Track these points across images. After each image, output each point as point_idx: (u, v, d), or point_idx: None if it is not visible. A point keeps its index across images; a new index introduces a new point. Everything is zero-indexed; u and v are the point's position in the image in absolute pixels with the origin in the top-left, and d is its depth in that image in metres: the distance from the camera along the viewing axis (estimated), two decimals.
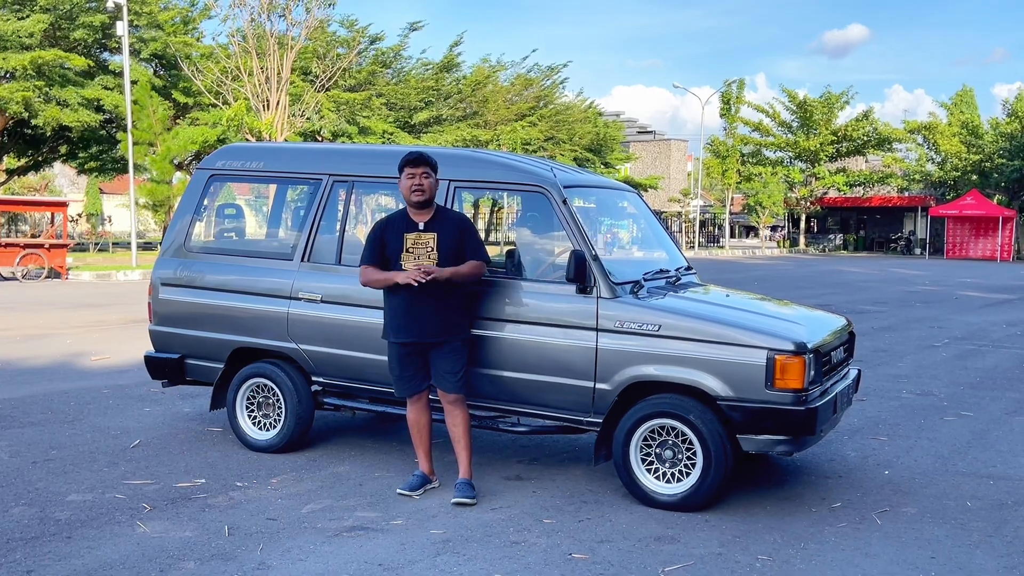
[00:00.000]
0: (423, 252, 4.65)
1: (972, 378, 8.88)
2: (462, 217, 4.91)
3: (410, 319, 4.68)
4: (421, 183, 4.63)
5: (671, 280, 5.40)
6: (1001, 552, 4.20)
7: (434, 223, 4.71)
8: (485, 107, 40.69)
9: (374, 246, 4.76)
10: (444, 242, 4.67)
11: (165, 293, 5.91)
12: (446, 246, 4.67)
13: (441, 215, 4.77)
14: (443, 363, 4.75)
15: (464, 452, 4.82)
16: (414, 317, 4.67)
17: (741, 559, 4.02)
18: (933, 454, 5.94)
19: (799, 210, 53.56)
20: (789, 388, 4.42)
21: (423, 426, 4.91)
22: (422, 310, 4.66)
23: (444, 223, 4.73)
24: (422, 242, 4.65)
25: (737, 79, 51.25)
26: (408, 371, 4.79)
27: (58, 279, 19.65)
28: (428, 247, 4.65)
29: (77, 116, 29.35)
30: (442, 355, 4.75)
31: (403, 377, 4.81)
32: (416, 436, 4.93)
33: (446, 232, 4.69)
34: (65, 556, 3.90)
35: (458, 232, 4.72)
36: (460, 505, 4.63)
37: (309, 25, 26.65)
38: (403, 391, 4.85)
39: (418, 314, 4.66)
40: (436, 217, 4.73)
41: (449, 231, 4.70)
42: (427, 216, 4.71)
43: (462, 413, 4.82)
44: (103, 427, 6.17)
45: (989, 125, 47.71)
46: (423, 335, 4.70)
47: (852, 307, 15.89)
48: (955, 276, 27.74)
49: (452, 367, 4.75)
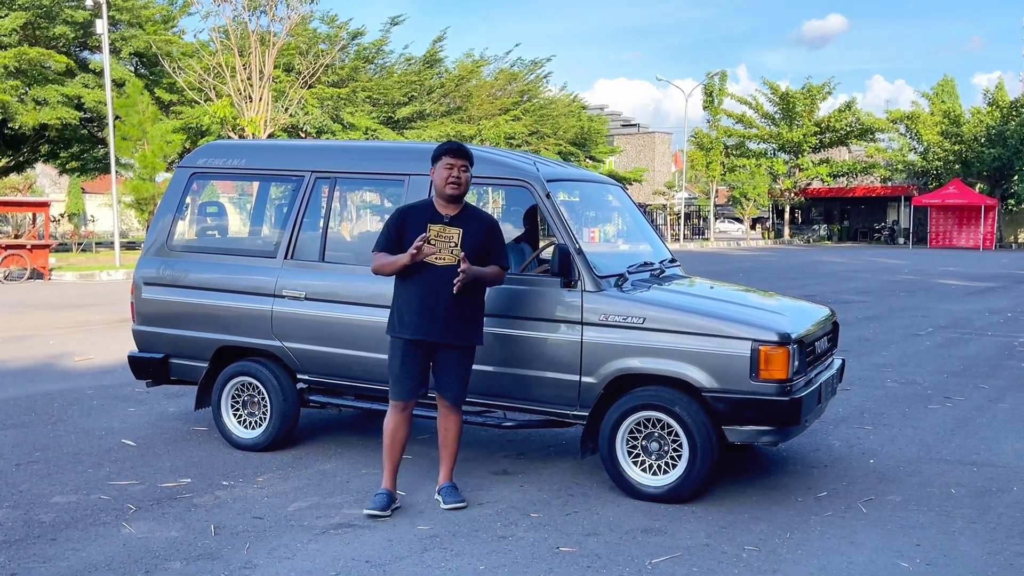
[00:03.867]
0: (445, 246, 4.31)
1: (955, 366, 8.94)
2: (491, 218, 4.60)
3: (425, 314, 4.38)
4: (459, 176, 4.38)
5: (655, 273, 5.41)
6: (985, 538, 4.23)
7: (461, 219, 4.43)
8: (469, 102, 40.61)
9: (392, 231, 4.44)
10: (469, 240, 4.37)
11: (148, 292, 5.88)
12: (471, 244, 4.38)
13: (469, 212, 4.50)
14: (453, 370, 4.51)
15: (451, 458, 4.66)
16: (430, 313, 4.37)
17: (728, 549, 4.04)
18: (917, 442, 5.98)
19: (783, 201, 53.77)
20: (773, 379, 4.44)
21: (401, 439, 4.56)
22: (440, 307, 4.37)
23: (472, 221, 4.46)
24: (446, 235, 4.31)
25: (719, 71, 51.44)
26: (409, 371, 4.47)
27: (40, 280, 19.51)
28: (452, 242, 4.31)
29: (56, 113, 29.12)
30: (453, 361, 4.50)
31: (403, 377, 4.47)
32: (391, 447, 4.55)
33: (473, 230, 4.41)
34: (50, 558, 3.87)
35: (485, 233, 4.48)
36: (456, 509, 4.51)
37: (291, 21, 26.53)
38: (400, 393, 4.50)
39: (435, 310, 4.37)
40: (464, 213, 4.46)
41: (476, 230, 4.43)
42: (455, 210, 4.44)
43: (456, 419, 4.64)
44: (87, 428, 6.13)
45: (971, 114, 48.00)
46: (437, 334, 4.41)
47: (836, 297, 15.97)
48: (938, 265, 27.92)
49: (462, 374, 4.54)
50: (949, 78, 51.28)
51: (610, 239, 8.11)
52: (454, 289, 4.31)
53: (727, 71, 51.77)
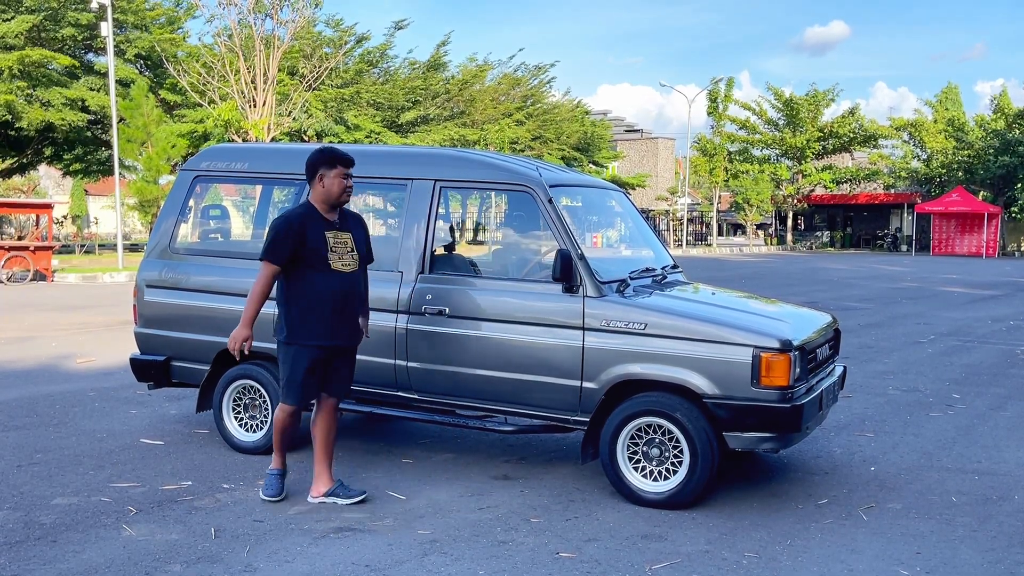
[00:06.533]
0: (345, 251, 4.54)
1: (957, 374, 8.93)
2: (360, 216, 4.82)
3: (337, 320, 4.51)
4: (351, 185, 4.57)
5: (657, 278, 5.41)
6: (986, 547, 4.22)
7: (344, 222, 4.62)
8: (472, 106, 40.67)
9: (292, 239, 4.42)
10: (357, 241, 4.62)
11: (150, 295, 5.88)
12: (360, 245, 4.63)
13: (344, 214, 4.68)
14: (346, 369, 4.67)
15: (331, 457, 4.73)
16: (340, 318, 4.52)
17: (728, 556, 4.04)
18: (918, 450, 5.97)
19: (786, 207, 53.75)
20: (775, 385, 4.44)
21: (293, 431, 4.70)
22: (349, 311, 4.56)
23: (352, 222, 4.67)
24: (341, 241, 4.54)
25: (724, 77, 51.49)
26: (316, 378, 4.56)
27: (43, 281, 19.53)
28: (348, 246, 4.56)
29: (62, 115, 29.19)
30: (346, 361, 4.66)
31: (308, 383, 4.54)
32: (280, 439, 4.67)
33: (358, 232, 4.65)
34: (50, 560, 3.88)
35: (363, 231, 4.70)
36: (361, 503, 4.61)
37: (295, 24, 26.58)
38: (301, 400, 4.57)
39: (345, 315, 4.54)
40: (342, 216, 4.64)
41: (359, 231, 4.67)
42: (335, 216, 4.60)
43: (336, 419, 4.77)
44: (88, 430, 6.14)
45: (975, 122, 47.99)
46: (351, 338, 4.61)
47: (838, 304, 15.95)
48: (940, 272, 27.89)
49: (351, 373, 4.72)
50: (953, 85, 51.40)
51: (612, 244, 8.12)
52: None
53: (733, 78, 51.87)
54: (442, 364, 5.05)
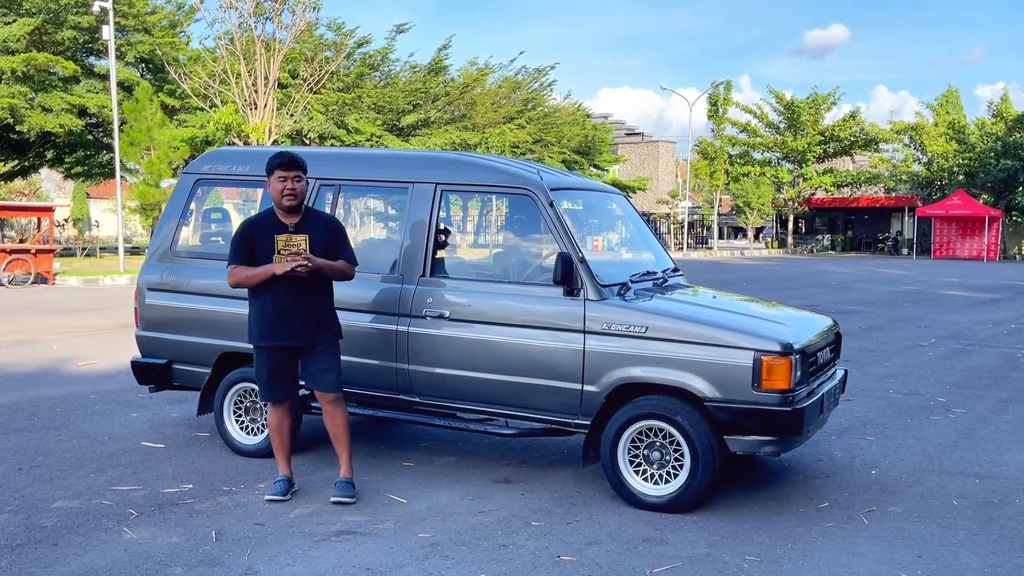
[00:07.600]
0: (295, 253, 4.56)
1: (958, 377, 8.93)
2: (332, 219, 4.86)
3: (283, 321, 4.59)
4: (293, 188, 4.57)
5: (658, 282, 5.41)
6: (987, 551, 4.22)
7: (305, 225, 4.65)
8: (473, 110, 40.70)
9: (244, 244, 4.63)
10: (317, 243, 4.61)
11: (151, 298, 5.89)
12: (320, 247, 4.62)
13: (311, 217, 4.72)
14: (319, 362, 4.70)
15: (345, 451, 4.81)
16: (287, 319, 4.59)
17: (729, 560, 4.04)
18: (920, 453, 5.97)
19: (787, 211, 53.76)
20: (776, 389, 4.44)
21: (286, 430, 4.84)
22: (295, 311, 4.60)
23: (315, 225, 4.68)
24: (293, 244, 4.54)
25: (724, 80, 51.49)
26: (278, 376, 4.71)
27: (45, 284, 19.54)
28: (300, 248, 4.55)
29: (60, 121, 29.21)
30: (317, 355, 4.69)
31: (273, 383, 4.71)
32: (278, 440, 4.84)
33: (318, 234, 4.64)
34: (52, 563, 3.88)
35: (329, 233, 4.70)
36: (340, 504, 4.64)
37: (296, 28, 26.60)
38: (274, 396, 4.75)
39: (291, 315, 4.59)
40: (306, 219, 4.68)
41: (320, 233, 4.66)
42: (296, 219, 4.65)
43: (342, 412, 4.79)
44: (90, 433, 6.14)
45: (975, 125, 48.00)
46: (298, 337, 4.63)
47: (839, 307, 15.95)
48: (941, 276, 27.88)
49: (329, 365, 4.71)
50: (954, 89, 51.40)
51: (613, 248, 8.12)
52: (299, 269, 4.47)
53: (732, 80, 51.92)
54: (443, 367, 5.06)
